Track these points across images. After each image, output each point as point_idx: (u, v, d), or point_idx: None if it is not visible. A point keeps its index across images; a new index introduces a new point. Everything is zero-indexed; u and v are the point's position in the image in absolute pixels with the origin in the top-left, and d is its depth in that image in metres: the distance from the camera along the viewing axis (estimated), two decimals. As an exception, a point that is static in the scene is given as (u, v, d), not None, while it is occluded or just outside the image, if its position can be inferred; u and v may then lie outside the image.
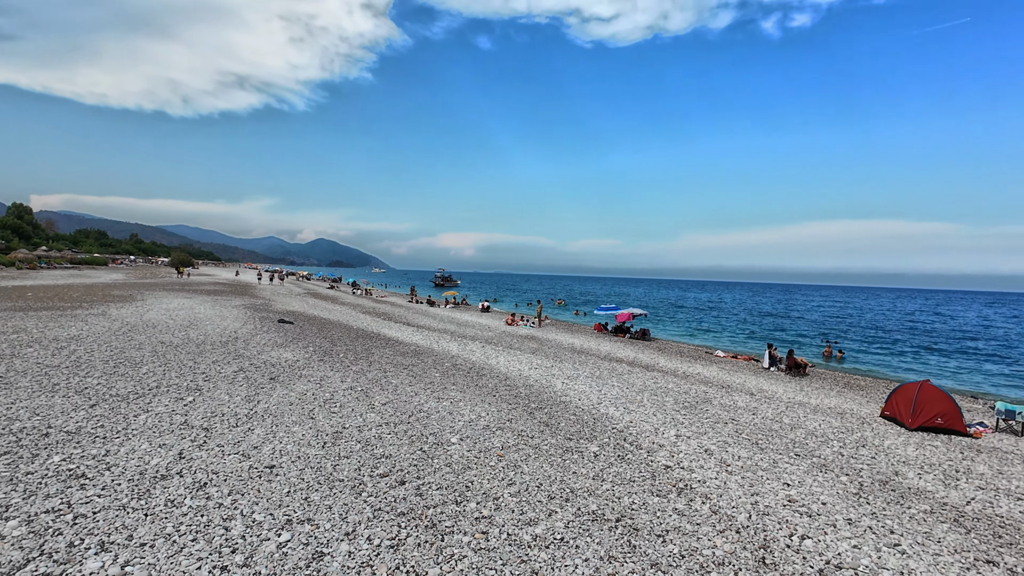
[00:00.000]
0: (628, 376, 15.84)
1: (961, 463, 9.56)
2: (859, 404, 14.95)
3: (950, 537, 6.19)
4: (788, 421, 11.70)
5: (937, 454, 10.06)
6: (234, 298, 32.29)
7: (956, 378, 24.56)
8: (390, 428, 8.44)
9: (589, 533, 5.53)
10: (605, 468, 7.54)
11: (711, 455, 8.57)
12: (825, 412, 13.26)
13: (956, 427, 12.06)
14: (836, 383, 19.28)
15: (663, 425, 10.22)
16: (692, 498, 6.73)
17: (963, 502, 7.46)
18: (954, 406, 12.28)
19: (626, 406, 11.61)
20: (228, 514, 5.22)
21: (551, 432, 9.08)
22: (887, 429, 11.91)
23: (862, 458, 9.24)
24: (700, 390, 14.63)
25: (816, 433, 10.81)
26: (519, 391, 12.23)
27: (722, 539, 5.67)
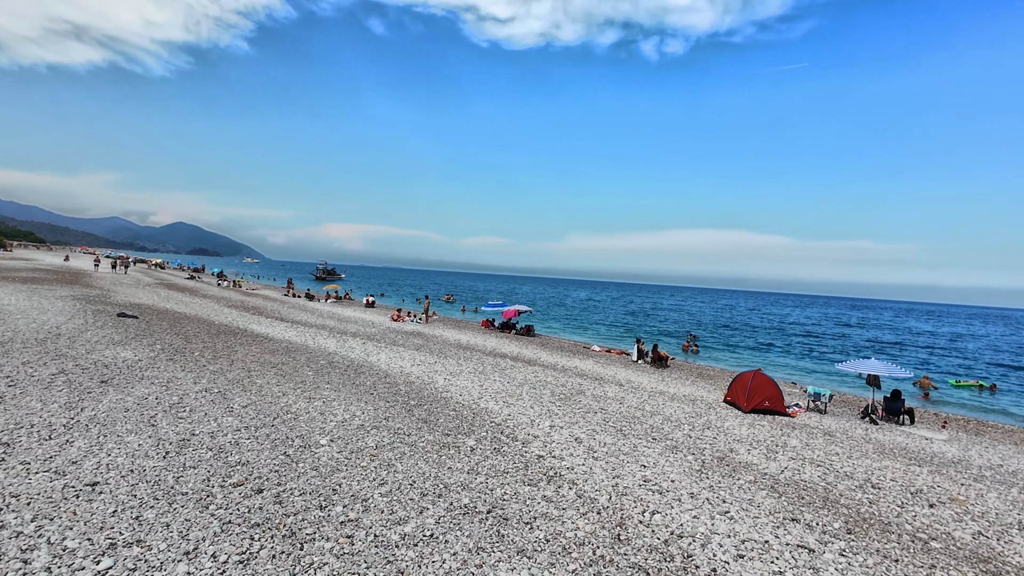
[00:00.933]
0: (511, 371, 16.28)
1: (780, 438, 11.32)
2: (708, 391, 16.98)
3: (767, 502, 7.29)
4: (649, 408, 12.90)
5: (763, 432, 11.79)
6: (60, 287, 27.21)
7: (781, 367, 29.04)
8: (250, 432, 7.72)
9: (460, 527, 5.56)
10: (481, 461, 7.65)
11: (580, 443, 9.13)
12: (681, 400, 14.84)
13: (779, 408, 14.24)
14: (692, 373, 21.69)
15: (539, 417, 10.66)
16: (560, 485, 7.10)
17: (779, 471, 8.83)
18: (778, 391, 14.49)
19: (506, 400, 11.91)
20: (29, 544, 4.37)
21: (429, 429, 8.99)
22: (728, 412, 13.68)
23: (706, 439, 10.50)
24: (576, 382, 15.54)
25: (672, 418, 12.06)
26: (399, 388, 11.93)
27: (584, 521, 6.05)
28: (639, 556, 5.38)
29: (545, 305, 70.53)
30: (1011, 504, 8.48)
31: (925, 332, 65.30)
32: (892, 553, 6.07)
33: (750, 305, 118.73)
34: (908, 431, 13.95)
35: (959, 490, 8.99)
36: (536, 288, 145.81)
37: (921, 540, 6.57)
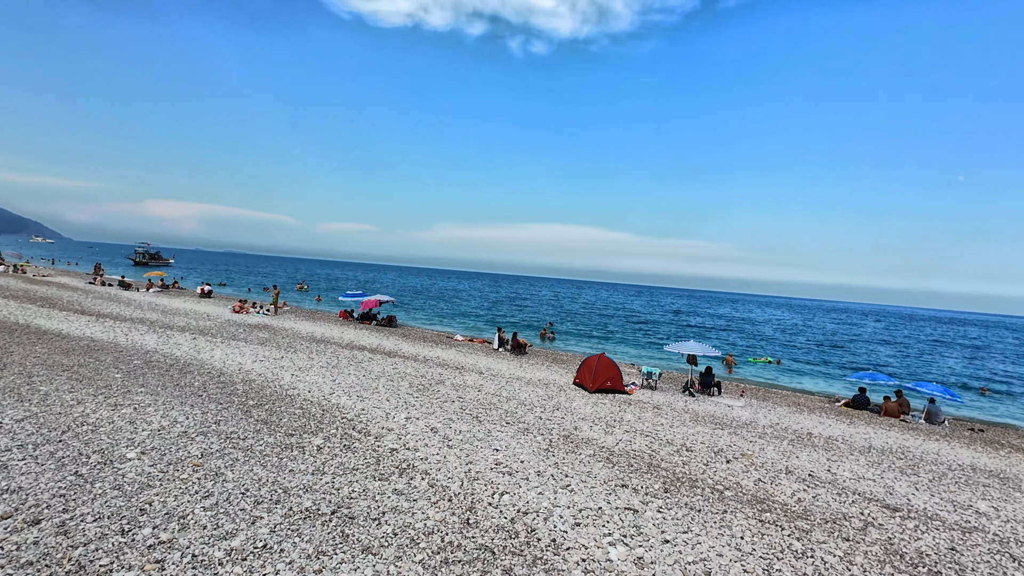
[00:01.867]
0: (368, 363, 15.65)
1: (618, 414, 12.63)
2: (561, 375, 18.24)
3: (603, 472, 8.08)
4: (506, 394, 13.43)
5: (604, 409, 13.04)
6: None
7: (623, 350, 32.43)
8: (25, 452, 6.28)
9: (299, 532, 5.19)
10: (328, 460, 7.23)
11: (436, 433, 9.15)
12: (536, 384, 15.71)
13: (619, 387, 15.87)
14: (547, 359, 23.09)
15: (395, 409, 10.43)
16: (413, 476, 7.03)
17: (614, 444, 9.85)
18: (618, 372, 16.14)
19: (360, 394, 11.42)
20: None
21: (270, 430, 8.23)
22: (576, 394, 14.85)
23: (555, 419, 11.28)
24: (436, 372, 15.52)
25: (526, 402, 12.70)
26: (235, 388, 10.72)
27: (435, 510, 6.08)
28: (487, 537, 5.57)
29: (410, 295, 69.21)
30: (782, 454, 10.59)
31: (734, 317, 78.24)
32: (696, 504, 7.17)
33: (601, 295, 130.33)
34: (716, 401, 16.58)
35: (748, 446, 10.95)
36: (401, 278, 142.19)
37: (719, 491, 7.86)
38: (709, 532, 6.30)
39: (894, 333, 71.84)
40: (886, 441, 13.08)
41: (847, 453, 11.33)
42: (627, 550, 5.63)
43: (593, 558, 5.39)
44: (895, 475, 9.98)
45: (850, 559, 6.02)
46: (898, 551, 6.43)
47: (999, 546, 7.02)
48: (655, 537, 6.00)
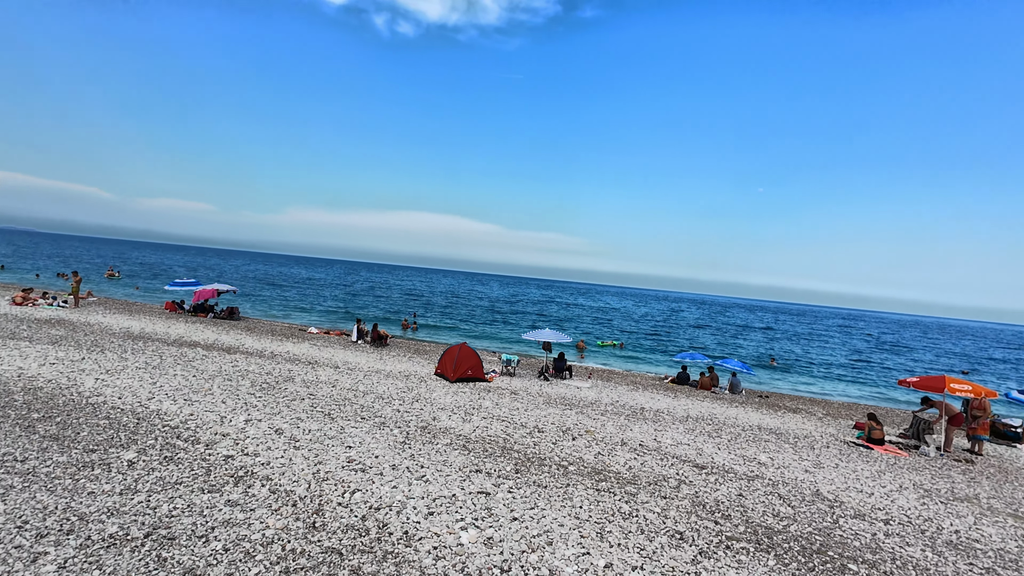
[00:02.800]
0: (200, 362, 13.83)
1: (477, 402, 12.98)
2: (423, 366, 18.11)
3: (459, 459, 8.26)
4: (363, 388, 12.94)
5: (464, 398, 13.31)
6: None
7: (485, 338, 33.37)
8: None
9: (99, 564, 4.43)
10: (143, 476, 6.26)
11: (282, 434, 8.48)
12: (396, 376, 15.39)
13: (479, 376, 16.30)
14: (409, 350, 22.74)
15: (232, 412, 9.40)
16: (252, 484, 6.43)
17: (472, 431, 10.13)
18: (479, 360, 16.56)
19: (188, 397, 10.07)
20: None
21: (61, 447, 6.85)
22: (437, 384, 14.90)
23: (414, 411, 11.20)
24: (285, 369, 14.32)
25: (384, 396, 12.39)
26: (13, 399, 8.70)
27: (276, 517, 5.65)
28: (334, 539, 5.35)
29: (257, 284, 62.60)
30: (619, 428, 11.90)
31: (591, 307, 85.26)
32: (543, 481, 7.73)
33: (467, 286, 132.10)
34: (568, 383, 17.97)
35: (592, 424, 12.08)
36: (248, 264, 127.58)
37: (563, 467, 8.57)
38: (553, 505, 6.85)
39: (711, 319, 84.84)
40: (700, 410, 15.47)
41: (670, 423, 13.16)
42: (478, 532, 5.85)
43: (445, 544, 5.50)
44: (704, 439, 11.87)
45: (666, 514, 7.03)
46: (702, 502, 7.68)
47: (771, 487, 8.79)
48: (504, 516, 6.33)
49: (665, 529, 6.53)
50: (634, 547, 5.94)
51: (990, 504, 9.45)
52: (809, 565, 6.05)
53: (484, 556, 5.35)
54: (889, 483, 9.99)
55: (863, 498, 8.91)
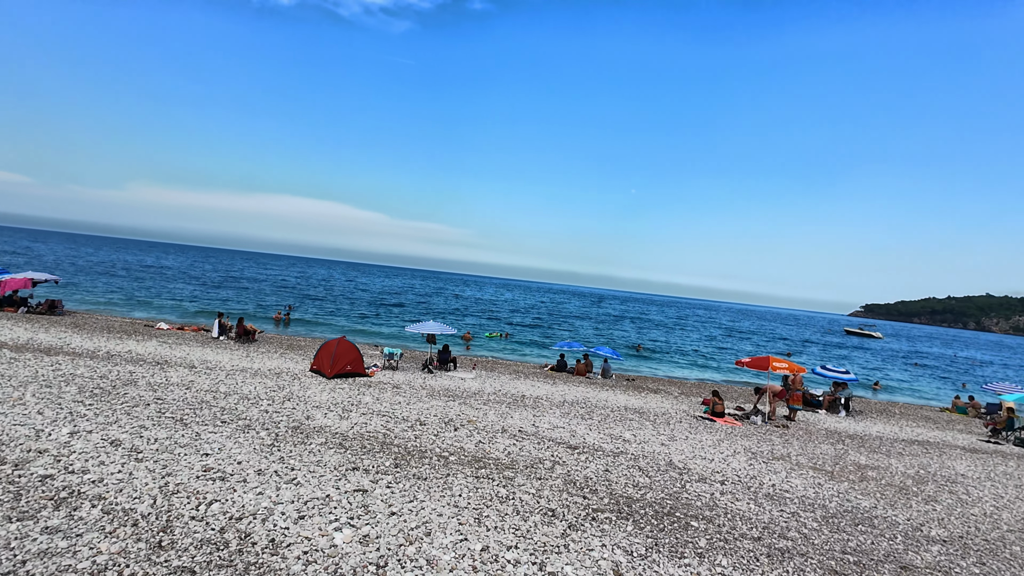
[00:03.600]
0: (7, 367, 11.45)
1: (356, 397, 12.51)
2: (297, 363, 16.92)
3: (334, 458, 7.92)
4: (224, 389, 11.74)
5: (343, 394, 12.73)
6: None
7: (368, 332, 32.15)
8: None
9: None
10: (-81, 510, 5.06)
11: (119, 446, 7.39)
12: (264, 375, 14.19)
13: (360, 370, 15.69)
14: (281, 346, 21.07)
15: (53, 424, 7.96)
16: (78, 506, 5.54)
17: (349, 428, 9.75)
18: (359, 354, 15.93)
19: (-10, 409, 8.31)
20: None
21: None
22: (312, 381, 14.04)
23: (284, 411, 10.45)
24: (125, 371, 12.44)
25: (250, 396, 11.37)
26: None
27: (110, 541, 4.94)
28: (185, 557, 4.83)
29: (90, 273, 53.25)
30: (500, 416, 12.30)
31: (478, 298, 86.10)
32: (424, 473, 7.74)
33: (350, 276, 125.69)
34: (452, 375, 18.06)
35: (474, 413, 12.32)
36: (76, 249, 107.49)
37: (444, 457, 8.64)
38: (432, 496, 6.89)
39: (588, 310, 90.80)
40: (575, 395, 16.57)
41: (548, 408, 13.91)
42: (353, 531, 5.68)
43: (316, 548, 5.27)
44: (578, 421, 12.76)
45: (540, 494, 7.45)
46: (573, 480, 8.27)
47: (633, 461, 9.75)
48: (382, 512, 6.23)
49: (539, 508, 6.93)
50: (510, 528, 6.22)
51: (798, 460, 11.49)
52: (660, 527, 6.85)
53: (359, 555, 5.22)
54: (726, 449, 11.65)
55: (705, 464, 10.29)
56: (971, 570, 6.87)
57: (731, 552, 6.36)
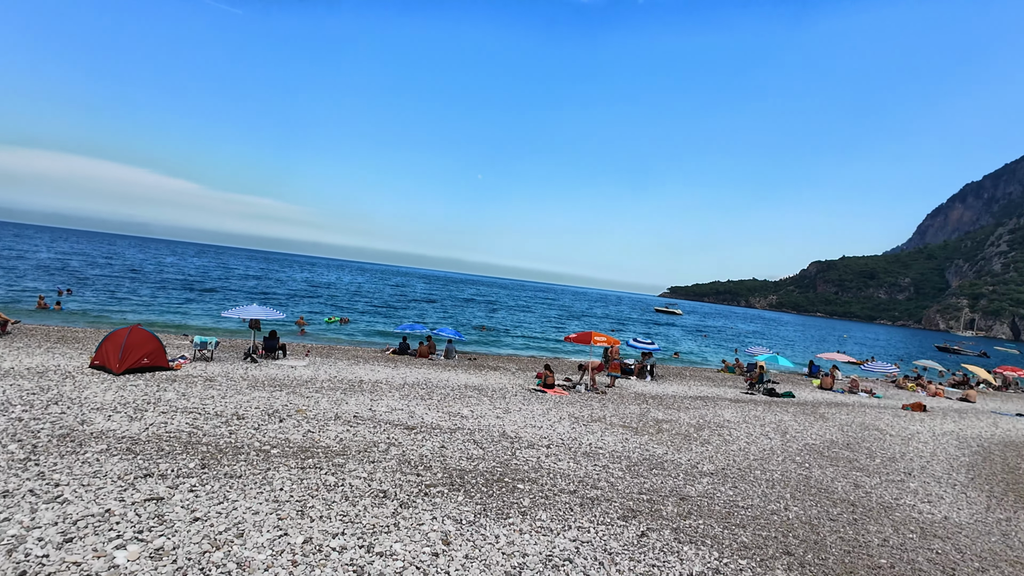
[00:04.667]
0: None
1: (155, 395, 10.69)
2: (70, 358, 13.76)
3: (119, 466, 6.68)
4: (-48, 396, 9.05)
5: (136, 392, 10.77)
6: None
7: (172, 319, 27.64)
8: None
9: None
10: None
11: None
12: (22, 375, 11.28)
13: (160, 363, 13.41)
14: (49, 339, 16.94)
15: None
16: None
17: (142, 430, 8.30)
18: (160, 345, 13.60)
19: None
20: None
21: None
22: (94, 379, 11.60)
23: (48, 417, 8.46)
24: None
25: (-5, 402, 8.94)
26: None
27: None
28: None
29: None
30: (334, 403, 11.67)
31: (311, 281, 79.62)
32: (238, 471, 6.98)
33: (152, 254, 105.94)
34: (281, 363, 16.53)
35: (304, 402, 11.48)
36: None
37: (265, 451, 7.91)
38: (248, 494, 6.26)
39: (437, 293, 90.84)
40: (416, 377, 16.51)
41: (387, 392, 13.63)
42: (141, 546, 4.89)
43: (92, 572, 4.41)
44: (417, 402, 12.76)
45: (372, 477, 7.30)
46: (408, 459, 8.27)
47: (469, 436, 10.12)
48: (182, 520, 5.46)
49: (370, 491, 6.78)
50: (337, 516, 5.98)
51: (611, 421, 13.14)
52: (489, 492, 7.25)
53: (149, 571, 4.52)
54: (553, 417, 12.78)
55: (535, 431, 11.17)
56: (727, 493, 8.67)
57: (550, 507, 7.03)
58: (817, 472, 10.60)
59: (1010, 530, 8.59)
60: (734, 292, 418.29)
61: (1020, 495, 10.67)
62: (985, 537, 8.13)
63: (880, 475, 10.93)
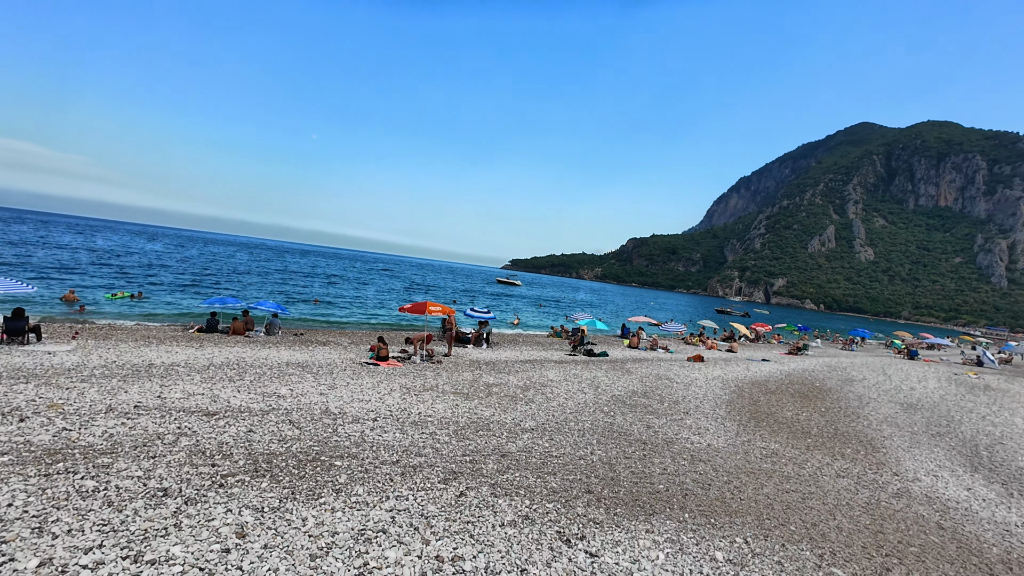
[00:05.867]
0: None
1: None
2: None
3: None
4: None
5: None
6: None
7: None
8: None
9: None
10: None
11: None
12: None
13: None
14: None
15: None
16: None
17: None
18: None
19: None
20: None
21: None
22: None
23: None
24: None
25: None
26: None
27: None
28: None
29: None
30: (108, 393, 9.63)
31: (91, 249, 64.58)
32: (-61, 490, 5.30)
33: None
34: (33, 349, 13.09)
35: (63, 395, 9.25)
36: None
37: (-11, 460, 6.15)
38: (-49, 519, 4.78)
39: (261, 264, 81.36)
40: (227, 357, 14.55)
41: (185, 375, 11.74)
42: None
43: None
44: (224, 384, 11.24)
45: (150, 474, 6.18)
46: (202, 449, 7.21)
47: (285, 416, 9.24)
48: None
49: (145, 492, 5.73)
50: (94, 526, 4.92)
51: (443, 389, 13.28)
52: (301, 474, 6.70)
53: None
54: (384, 389, 12.42)
55: (362, 405, 10.71)
56: (544, 446, 9.41)
57: (369, 480, 6.78)
58: (619, 419, 12.15)
59: (750, 449, 10.95)
60: (567, 265, 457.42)
61: (759, 421, 13.68)
62: (734, 456, 10.22)
63: (667, 416, 12.98)
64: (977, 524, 8.37)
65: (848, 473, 10.17)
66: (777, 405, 16.11)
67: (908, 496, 9.28)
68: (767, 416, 14.36)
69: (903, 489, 9.64)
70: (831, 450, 11.70)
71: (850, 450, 11.90)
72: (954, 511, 8.84)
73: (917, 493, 9.52)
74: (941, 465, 11.61)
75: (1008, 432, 15.68)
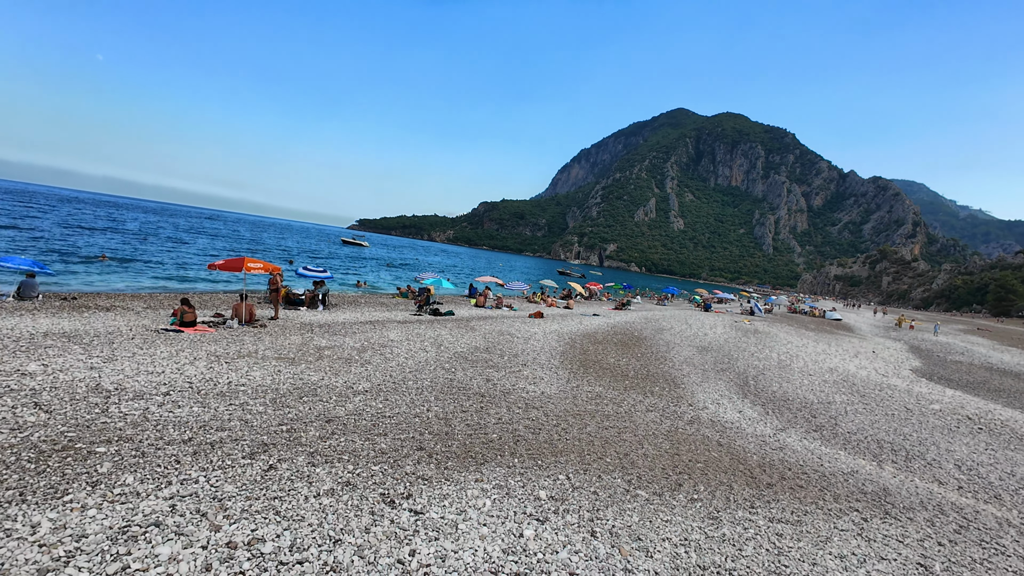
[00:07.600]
0: None
1: None
2: None
3: None
4: None
5: None
6: None
7: None
8: None
9: None
10: None
11: None
12: None
13: None
14: None
15: None
16: None
17: None
18: None
19: None
20: None
21: None
22: None
23: None
24: None
25: None
26: None
27: None
28: None
29: None
30: None
31: None
32: None
33: None
34: None
35: None
36: None
37: None
38: None
39: (24, 218, 63.69)
40: (-55, 328, 10.88)
41: None
42: None
43: None
44: (-69, 363, 8.31)
45: None
46: None
47: (28, 397, 7.15)
48: None
49: None
50: None
51: (264, 354, 11.74)
52: (39, 469, 5.19)
53: None
54: (184, 358, 10.48)
55: (150, 379, 8.85)
56: (377, 407, 8.84)
57: (144, 465, 5.54)
58: (460, 375, 12.09)
59: (578, 394, 11.78)
60: (418, 226, 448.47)
61: (587, 368, 14.87)
62: (564, 402, 10.87)
63: (506, 369, 13.32)
64: (744, 439, 10.16)
65: (655, 407, 11.56)
66: (603, 353, 17.74)
67: (698, 422, 10.89)
68: (594, 363, 15.70)
69: (695, 417, 11.29)
70: (643, 389, 13.22)
71: (658, 388, 13.59)
72: (729, 430, 10.62)
73: (705, 419, 11.24)
74: (722, 394, 13.93)
75: (767, 364, 19.59)
